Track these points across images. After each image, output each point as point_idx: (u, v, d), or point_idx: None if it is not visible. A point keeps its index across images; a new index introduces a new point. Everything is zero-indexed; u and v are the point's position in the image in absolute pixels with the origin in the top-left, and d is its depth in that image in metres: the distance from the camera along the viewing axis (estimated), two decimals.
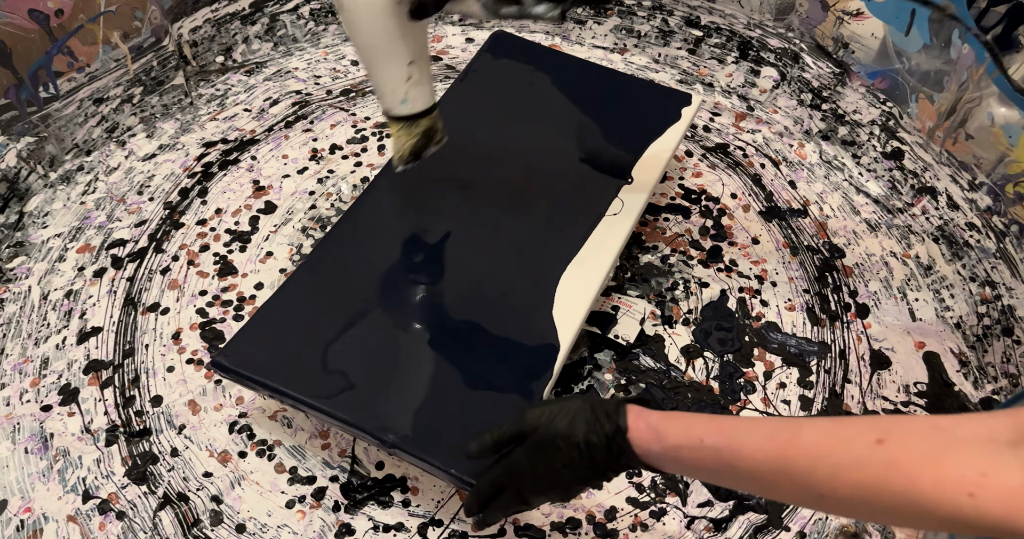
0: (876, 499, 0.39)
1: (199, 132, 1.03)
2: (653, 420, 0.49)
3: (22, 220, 0.92)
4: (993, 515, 0.35)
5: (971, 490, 0.35)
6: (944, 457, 0.37)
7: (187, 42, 1.07)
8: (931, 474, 0.37)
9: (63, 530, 0.70)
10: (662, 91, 0.94)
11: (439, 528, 0.71)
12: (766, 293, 0.89)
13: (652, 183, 0.84)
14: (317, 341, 0.70)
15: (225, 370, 0.69)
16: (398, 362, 0.70)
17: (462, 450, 0.58)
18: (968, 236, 0.91)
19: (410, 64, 0.64)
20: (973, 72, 0.84)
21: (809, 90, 1.06)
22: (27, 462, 0.74)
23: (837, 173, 1.02)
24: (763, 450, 0.43)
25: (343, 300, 0.73)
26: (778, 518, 0.73)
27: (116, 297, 0.86)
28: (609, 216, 0.81)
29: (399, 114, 0.67)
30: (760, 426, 0.45)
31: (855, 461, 0.39)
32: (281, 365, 0.68)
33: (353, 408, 0.66)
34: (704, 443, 0.46)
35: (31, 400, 0.78)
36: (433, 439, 0.64)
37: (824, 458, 0.41)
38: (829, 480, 0.40)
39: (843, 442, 0.40)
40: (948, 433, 0.38)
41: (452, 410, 0.67)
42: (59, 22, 0.89)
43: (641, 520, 0.72)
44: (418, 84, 0.66)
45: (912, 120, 0.96)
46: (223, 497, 0.72)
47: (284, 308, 0.73)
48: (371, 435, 0.65)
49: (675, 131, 0.89)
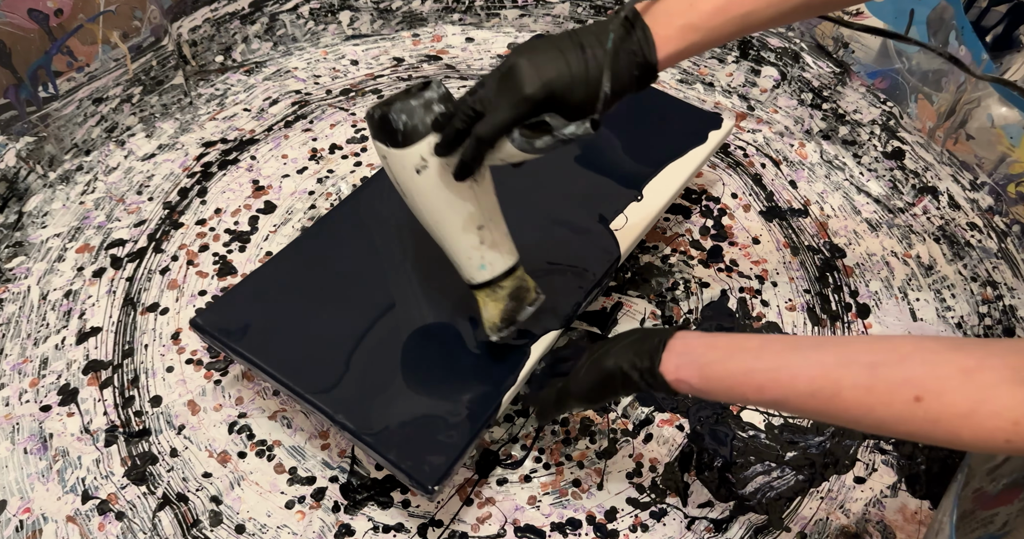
0: (924, 441, 0.46)
1: (198, 132, 1.03)
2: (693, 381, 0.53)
3: (21, 220, 0.92)
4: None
5: (1007, 437, 0.41)
6: (979, 411, 0.42)
7: (186, 42, 1.07)
8: (970, 428, 0.42)
9: (62, 530, 0.69)
10: (692, 111, 0.92)
11: (439, 529, 0.71)
12: (767, 293, 0.89)
13: (662, 203, 0.83)
14: (293, 316, 0.72)
15: (201, 330, 0.71)
16: (367, 348, 0.70)
17: (417, 447, 0.63)
18: (969, 236, 0.91)
19: (480, 228, 0.60)
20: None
21: (809, 90, 1.06)
22: (26, 462, 0.74)
23: (838, 173, 1.02)
24: (807, 405, 0.48)
25: (327, 280, 0.75)
26: (778, 519, 0.72)
27: (115, 297, 0.86)
28: (616, 230, 0.80)
29: (479, 281, 0.63)
30: (799, 383, 0.49)
31: (898, 417, 0.45)
32: (254, 333, 0.70)
33: (313, 384, 0.67)
34: (748, 399, 0.52)
35: (30, 400, 0.78)
36: (384, 427, 0.65)
37: (867, 415, 0.46)
38: (875, 428, 0.47)
39: (883, 401, 0.45)
40: (975, 380, 0.42)
41: (408, 404, 0.67)
42: (58, 22, 0.89)
43: (641, 520, 0.72)
44: (493, 246, 0.62)
45: (913, 120, 0.96)
46: (222, 497, 0.72)
47: (270, 280, 0.75)
48: (323, 412, 0.66)
49: (697, 153, 0.87)
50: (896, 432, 0.46)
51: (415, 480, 0.62)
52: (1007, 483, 0.65)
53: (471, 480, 0.74)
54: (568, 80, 0.50)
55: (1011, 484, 0.65)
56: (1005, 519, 0.64)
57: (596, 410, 0.78)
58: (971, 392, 0.42)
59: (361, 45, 1.16)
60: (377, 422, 0.65)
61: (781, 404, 0.50)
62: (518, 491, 0.73)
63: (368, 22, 1.17)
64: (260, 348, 0.69)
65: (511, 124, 0.51)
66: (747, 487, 0.74)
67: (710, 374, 0.53)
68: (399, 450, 0.63)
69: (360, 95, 1.08)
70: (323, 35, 1.16)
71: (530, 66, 0.50)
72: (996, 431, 0.41)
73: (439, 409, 0.66)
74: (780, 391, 0.50)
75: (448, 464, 0.63)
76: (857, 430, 0.52)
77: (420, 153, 0.56)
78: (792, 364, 0.50)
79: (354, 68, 1.12)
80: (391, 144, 0.56)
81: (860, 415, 0.46)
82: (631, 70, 0.51)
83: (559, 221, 0.81)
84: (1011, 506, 0.64)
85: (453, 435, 0.65)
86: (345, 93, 1.08)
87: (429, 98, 0.54)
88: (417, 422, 0.65)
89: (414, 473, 0.62)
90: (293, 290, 0.74)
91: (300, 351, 0.69)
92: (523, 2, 1.17)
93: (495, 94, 0.51)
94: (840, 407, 0.47)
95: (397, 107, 0.54)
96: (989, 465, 0.66)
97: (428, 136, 0.55)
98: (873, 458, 0.77)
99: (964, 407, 0.42)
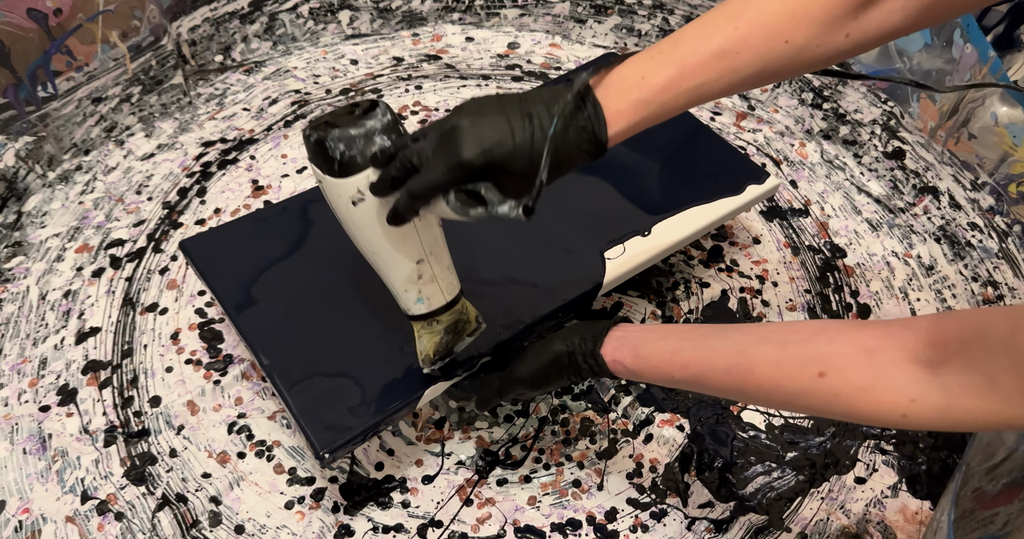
0: (825, 415, 0.49)
1: (198, 131, 1.03)
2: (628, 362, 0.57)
3: (20, 220, 0.92)
4: (920, 426, 0.44)
5: (904, 412, 0.44)
6: (877, 386, 0.44)
7: (186, 41, 1.06)
8: (868, 402, 0.45)
9: (61, 531, 0.69)
10: (738, 159, 0.85)
11: (438, 529, 0.71)
12: (767, 293, 0.89)
13: (668, 245, 0.78)
14: (269, 263, 0.74)
15: (186, 253, 0.75)
16: (322, 311, 0.71)
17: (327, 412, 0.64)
18: (970, 236, 0.91)
19: (419, 263, 0.57)
20: (976, 72, 0.83)
21: (810, 89, 1.06)
22: (25, 463, 0.73)
23: (838, 173, 1.02)
24: (723, 382, 0.52)
25: (314, 238, 0.77)
26: (779, 519, 0.72)
27: (115, 297, 0.86)
28: (608, 259, 0.76)
29: (416, 314, 0.61)
30: (718, 359, 0.52)
31: (803, 392, 0.48)
32: (228, 271, 0.73)
33: (256, 329, 0.69)
34: (673, 377, 0.55)
35: (29, 400, 0.77)
36: (304, 385, 0.66)
37: (776, 390, 0.49)
38: (784, 404, 0.50)
39: (791, 377, 0.48)
40: (876, 359, 0.45)
41: (336, 371, 0.67)
42: (58, 21, 0.89)
43: (642, 521, 0.72)
44: (432, 280, 0.59)
45: (914, 120, 0.96)
46: (222, 498, 0.72)
47: (265, 224, 0.77)
48: (255, 353, 0.68)
49: (725, 204, 0.81)
50: (802, 407, 0.49)
51: (311, 443, 0.63)
52: (1006, 482, 0.65)
53: (471, 480, 0.74)
54: (510, 149, 0.47)
55: (1010, 483, 0.65)
56: (1006, 519, 0.64)
57: (597, 410, 0.78)
58: (871, 369, 0.45)
59: (361, 45, 1.16)
60: (300, 377, 0.66)
61: (701, 381, 0.53)
62: (518, 491, 0.73)
63: (368, 21, 1.17)
64: (224, 283, 0.72)
65: (445, 186, 0.49)
66: (747, 487, 0.74)
67: (641, 353, 0.56)
68: (308, 410, 0.64)
69: (360, 95, 1.08)
70: (323, 34, 1.16)
71: (472, 130, 0.47)
72: (893, 406, 0.44)
73: (363, 382, 0.67)
74: (700, 368, 0.53)
75: (347, 438, 0.63)
76: (770, 407, 0.58)
77: (357, 186, 0.51)
78: (714, 343, 0.53)
79: (354, 68, 1.12)
80: (327, 172, 0.51)
81: (770, 389, 0.49)
82: (580, 145, 0.49)
83: (552, 235, 0.77)
84: (1011, 506, 0.64)
85: (367, 410, 0.65)
86: (345, 93, 1.08)
87: (371, 128, 0.50)
88: (337, 390, 0.66)
89: (314, 435, 0.63)
90: (280, 239, 0.76)
91: (260, 296, 0.72)
92: (523, 1, 1.17)
93: (433, 152, 0.48)
94: (753, 383, 0.50)
95: (335, 134, 0.50)
96: (988, 464, 0.66)
97: (367, 169, 0.51)
98: (874, 458, 0.77)
99: (864, 382, 0.45)
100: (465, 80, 1.11)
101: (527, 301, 0.72)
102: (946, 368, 0.42)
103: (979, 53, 0.82)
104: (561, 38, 1.16)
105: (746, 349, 0.51)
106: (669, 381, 0.56)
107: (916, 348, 0.43)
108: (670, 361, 0.55)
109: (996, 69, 0.81)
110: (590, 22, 1.15)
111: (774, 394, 0.49)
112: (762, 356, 0.50)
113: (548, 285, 0.73)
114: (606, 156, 0.52)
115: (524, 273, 0.74)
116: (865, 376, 0.45)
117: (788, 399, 0.49)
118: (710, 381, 0.53)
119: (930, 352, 0.43)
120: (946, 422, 0.43)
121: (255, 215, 0.79)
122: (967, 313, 0.44)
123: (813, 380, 0.47)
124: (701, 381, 0.53)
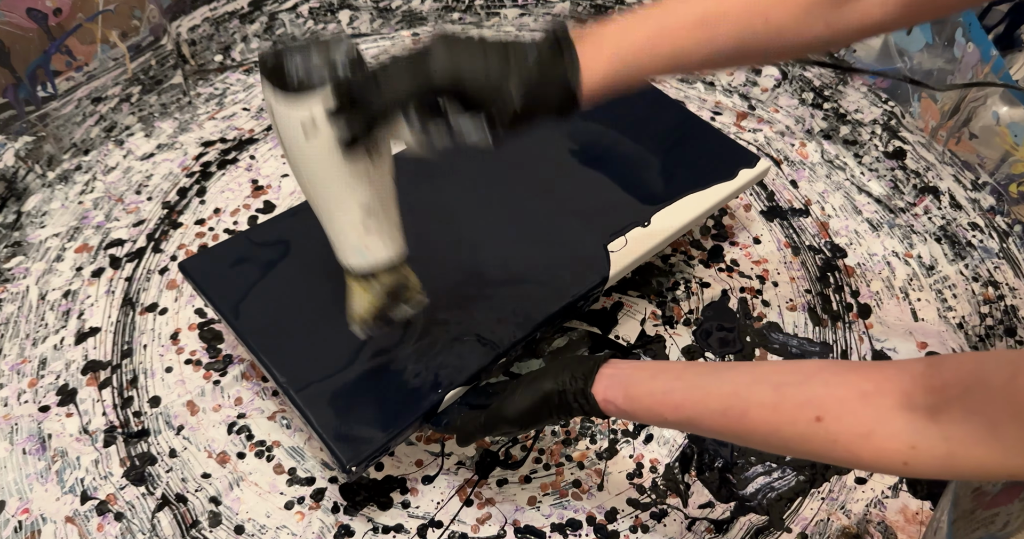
0: (824, 460, 0.47)
1: (197, 131, 1.03)
2: (619, 403, 0.55)
3: (20, 220, 0.92)
4: (922, 474, 0.43)
5: (905, 460, 0.42)
6: (876, 433, 0.43)
7: (185, 41, 1.06)
8: (869, 449, 0.43)
9: (61, 531, 0.69)
10: (728, 145, 0.87)
11: (438, 529, 0.71)
12: (767, 293, 0.89)
13: (669, 234, 0.79)
14: (273, 278, 0.73)
15: (186, 274, 0.73)
16: (333, 324, 0.70)
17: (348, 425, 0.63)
18: (971, 236, 0.91)
19: (366, 212, 0.53)
20: (978, 71, 0.83)
21: (811, 89, 1.06)
22: (25, 463, 0.73)
23: (839, 172, 1.02)
24: (718, 424, 0.50)
25: (315, 250, 0.74)
26: (779, 519, 0.72)
27: (114, 297, 0.86)
28: (611, 251, 0.77)
29: (355, 268, 0.57)
30: (712, 400, 0.51)
31: (801, 437, 0.46)
32: (229, 287, 0.72)
33: (269, 346, 0.68)
34: (666, 419, 0.53)
35: (29, 401, 0.77)
36: (323, 401, 0.65)
37: (774, 434, 0.48)
38: (781, 448, 0.48)
39: (787, 421, 0.47)
40: (874, 404, 0.43)
41: (353, 383, 0.67)
42: (57, 21, 0.88)
43: (642, 521, 0.72)
44: (378, 234, 0.55)
45: (915, 119, 0.96)
46: (222, 498, 0.72)
47: (264, 239, 0.76)
48: (269, 371, 0.67)
49: (720, 189, 0.82)
50: (800, 452, 0.47)
51: (337, 457, 0.62)
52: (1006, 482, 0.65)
53: (471, 481, 0.74)
54: (481, 79, 0.46)
55: (1010, 483, 0.65)
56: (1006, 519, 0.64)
57: None
58: (868, 414, 0.43)
59: (361, 44, 1.16)
60: (318, 393, 0.66)
61: (696, 423, 0.51)
62: (518, 492, 0.73)
63: (368, 21, 1.17)
64: (230, 302, 0.71)
65: (405, 97, 0.47)
66: (748, 488, 0.74)
67: (633, 393, 0.54)
68: (330, 425, 0.64)
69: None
70: (323, 34, 1.16)
71: (447, 52, 0.46)
72: (894, 453, 0.42)
73: (380, 394, 0.66)
74: (694, 409, 0.51)
75: (372, 449, 0.63)
76: (766, 451, 0.54)
77: (311, 109, 0.49)
78: (708, 383, 0.52)
79: None
80: (280, 86, 0.48)
81: (767, 434, 0.48)
82: (550, 91, 0.48)
83: (553, 230, 0.78)
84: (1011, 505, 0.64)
85: (387, 422, 0.64)
86: None
87: (335, 50, 0.48)
88: (357, 402, 0.66)
89: (339, 450, 0.62)
90: (281, 253, 0.75)
91: (268, 313, 0.71)
92: (523, 1, 1.17)
93: (401, 68, 0.47)
94: (748, 426, 0.48)
95: (295, 47, 0.48)
96: None
97: (323, 88, 0.48)
98: None
99: (862, 429, 0.43)
100: None
101: (536, 299, 0.72)
102: (946, 415, 0.41)
103: (981, 52, 0.82)
104: None
105: (740, 391, 0.50)
106: (662, 422, 0.54)
107: (914, 393, 0.42)
108: (662, 402, 0.53)
109: (998, 68, 0.81)
110: (590, 22, 1.15)
111: (771, 438, 0.48)
112: (758, 398, 0.48)
113: (555, 281, 0.74)
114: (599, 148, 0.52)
115: (530, 271, 0.75)
116: (864, 422, 0.43)
117: (785, 444, 0.47)
118: (705, 423, 0.51)
119: (929, 398, 0.42)
120: (949, 471, 0.42)
121: (250, 232, 0.77)
122: (964, 357, 0.43)
123: (810, 424, 0.45)
124: (695, 423, 0.52)
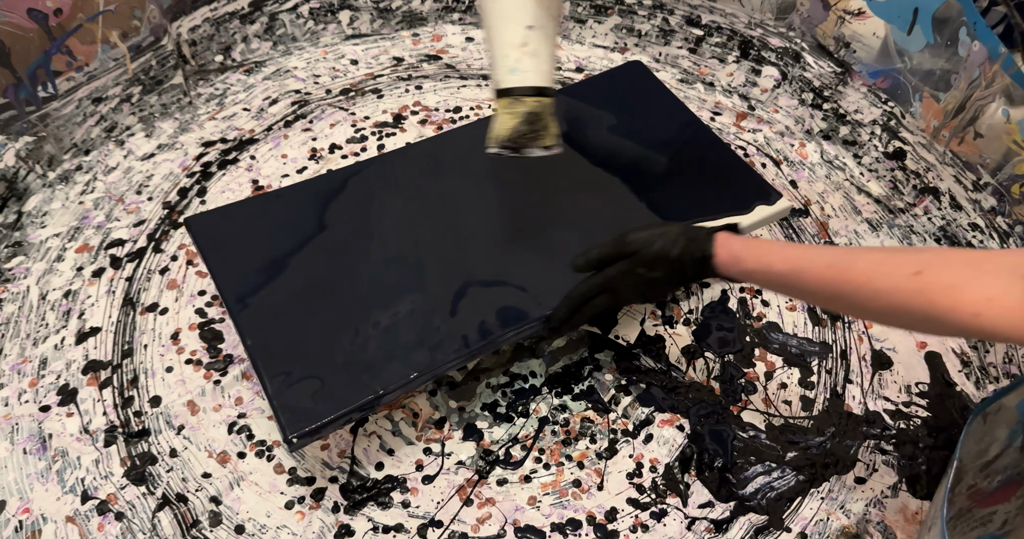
0: (904, 316, 0.49)
1: (198, 131, 1.03)
2: (735, 248, 0.61)
3: (20, 220, 0.92)
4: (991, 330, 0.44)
5: (977, 311, 0.44)
6: (963, 286, 0.45)
7: (186, 41, 1.06)
8: (947, 300, 0.46)
9: (62, 531, 0.69)
10: (750, 177, 0.83)
11: (439, 529, 0.71)
12: (767, 293, 0.89)
13: None
14: (268, 247, 0.75)
15: (189, 229, 0.76)
16: (320, 301, 0.72)
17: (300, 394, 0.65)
18: (971, 236, 0.91)
19: (528, 28, 0.57)
20: (986, 69, 0.83)
21: (810, 89, 1.06)
22: (25, 463, 0.73)
23: (838, 173, 1.02)
24: (822, 277, 0.54)
25: (314, 225, 0.77)
26: (779, 519, 0.72)
27: (115, 297, 0.86)
28: None
29: (506, 85, 0.60)
30: (822, 256, 0.55)
31: (892, 288, 0.49)
32: (228, 253, 0.74)
33: (248, 312, 0.70)
34: (773, 269, 0.58)
35: (29, 400, 0.77)
36: (284, 370, 0.66)
37: (868, 284, 0.51)
38: (870, 301, 0.51)
39: (887, 272, 0.50)
40: (976, 266, 0.46)
41: (322, 360, 0.68)
42: (58, 21, 0.89)
43: (642, 521, 0.72)
44: (534, 55, 0.58)
45: (915, 120, 0.96)
46: (222, 498, 0.72)
47: (269, 208, 0.78)
48: (241, 335, 0.69)
49: (730, 221, 0.78)
50: (884, 304, 0.50)
51: (281, 426, 0.63)
52: (1002, 480, 0.65)
53: (471, 480, 0.74)
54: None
55: (1006, 480, 0.65)
56: (1004, 518, 0.64)
57: (597, 410, 0.78)
58: (965, 272, 0.46)
59: (361, 45, 1.16)
60: (283, 363, 0.67)
61: (800, 274, 0.56)
62: (518, 491, 0.73)
63: (368, 22, 1.17)
64: (222, 263, 0.73)
65: None
66: (747, 487, 0.74)
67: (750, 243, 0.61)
68: (282, 392, 0.65)
69: (360, 95, 1.08)
70: (323, 35, 1.16)
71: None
72: (969, 304, 0.45)
73: (341, 372, 0.67)
74: (801, 261, 0.56)
75: (317, 423, 0.63)
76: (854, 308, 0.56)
77: None
78: (822, 247, 0.58)
79: (354, 68, 1.12)
80: None
81: (861, 284, 0.51)
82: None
83: (555, 239, 0.77)
84: (1009, 504, 0.64)
85: (339, 399, 0.65)
86: (345, 93, 1.08)
87: None
88: (314, 375, 0.66)
89: (284, 419, 0.63)
90: (282, 224, 0.77)
91: (258, 279, 0.72)
92: None
93: None
94: (848, 277, 0.52)
95: None
96: (981, 461, 0.66)
97: None
98: (874, 458, 0.77)
99: (953, 281, 0.46)
100: (465, 80, 1.11)
101: (520, 304, 0.72)
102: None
103: (989, 50, 0.82)
104: (561, 38, 1.16)
105: (853, 251, 0.55)
106: (767, 273, 0.58)
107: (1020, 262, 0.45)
108: (773, 251, 0.59)
109: (1008, 65, 0.80)
110: (590, 22, 1.15)
111: (862, 289, 0.51)
112: (868, 255, 0.53)
113: (541, 289, 0.73)
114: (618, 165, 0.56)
115: (521, 276, 0.74)
116: (958, 276, 0.46)
117: (874, 295, 0.50)
118: (809, 275, 0.55)
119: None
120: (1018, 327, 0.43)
121: (261, 197, 0.80)
122: None
123: (907, 278, 0.48)
124: (800, 274, 0.56)
